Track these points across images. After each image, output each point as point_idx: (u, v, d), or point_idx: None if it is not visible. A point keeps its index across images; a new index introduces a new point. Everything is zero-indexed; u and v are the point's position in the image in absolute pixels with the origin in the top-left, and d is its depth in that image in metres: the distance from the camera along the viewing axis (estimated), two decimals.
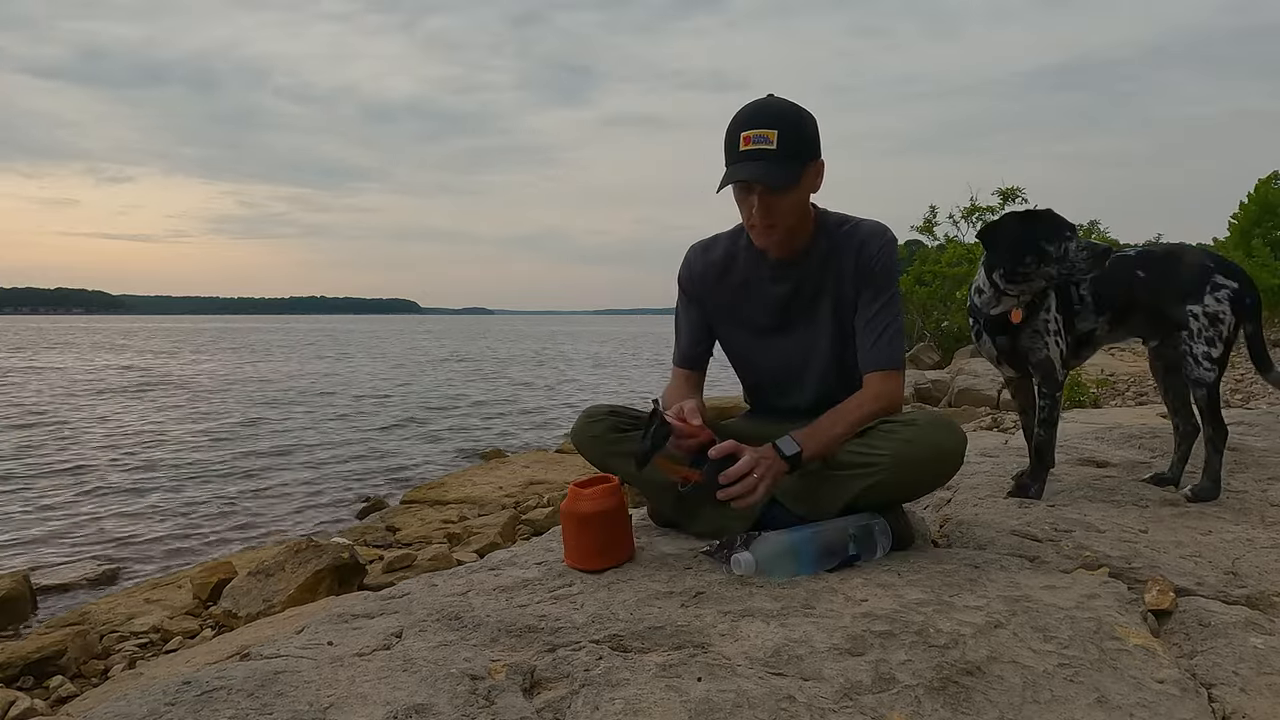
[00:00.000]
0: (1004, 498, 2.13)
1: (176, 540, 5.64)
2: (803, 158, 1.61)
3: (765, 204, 1.62)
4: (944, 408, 6.48)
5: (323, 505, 6.78)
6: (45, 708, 2.73)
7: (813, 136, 1.64)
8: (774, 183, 1.59)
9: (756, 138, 1.57)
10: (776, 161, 1.58)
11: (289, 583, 3.57)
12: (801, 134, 1.60)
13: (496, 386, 18.41)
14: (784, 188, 1.60)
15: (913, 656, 1.19)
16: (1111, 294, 2.15)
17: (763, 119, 1.59)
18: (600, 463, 1.83)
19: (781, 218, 1.65)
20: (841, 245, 1.74)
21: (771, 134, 1.57)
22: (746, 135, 1.58)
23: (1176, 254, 2.19)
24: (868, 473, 1.59)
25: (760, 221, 1.65)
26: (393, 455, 9.24)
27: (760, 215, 1.64)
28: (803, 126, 1.61)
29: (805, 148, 1.61)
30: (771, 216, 1.64)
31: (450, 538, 5.02)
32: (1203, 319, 2.07)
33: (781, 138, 1.57)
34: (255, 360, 27.92)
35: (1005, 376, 2.30)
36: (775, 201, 1.62)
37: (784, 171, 1.59)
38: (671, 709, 1.05)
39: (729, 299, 1.86)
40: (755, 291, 1.82)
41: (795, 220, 1.68)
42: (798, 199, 1.65)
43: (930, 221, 14.90)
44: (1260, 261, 9.43)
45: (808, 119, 1.63)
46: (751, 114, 1.61)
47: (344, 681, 1.14)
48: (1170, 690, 1.12)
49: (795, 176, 1.60)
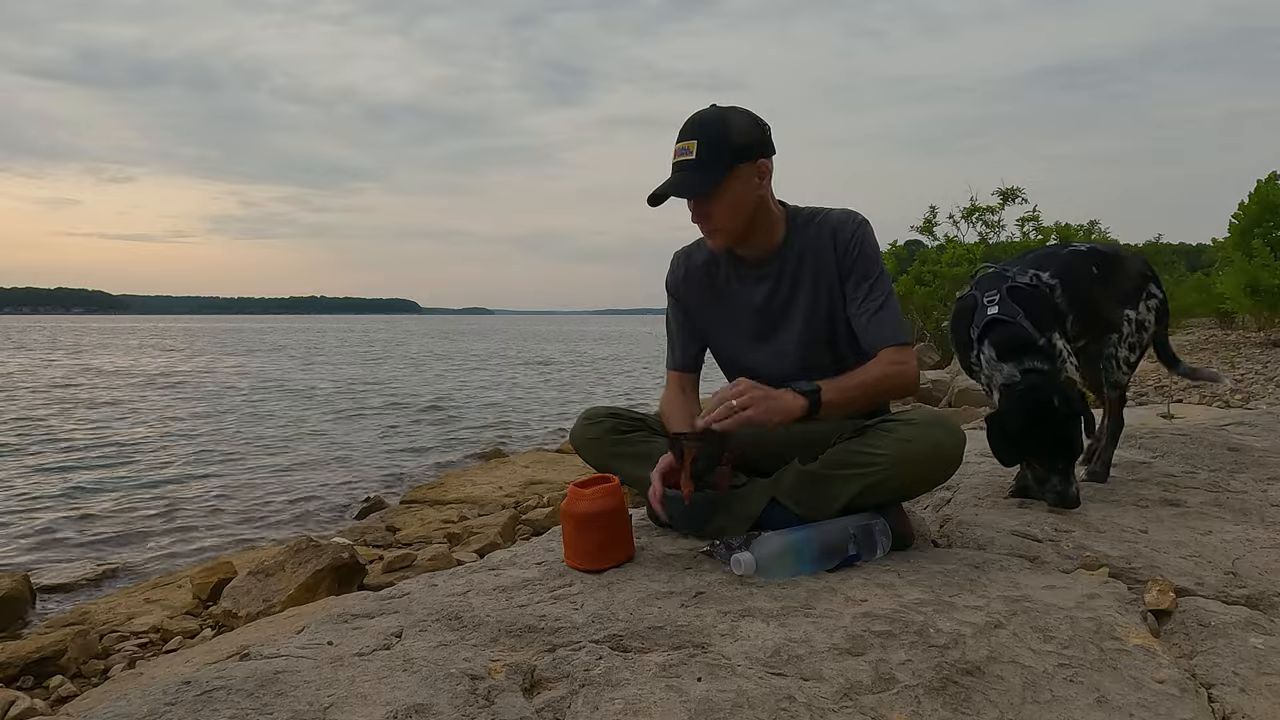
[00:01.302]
0: (1005, 498, 2.13)
1: (176, 540, 5.64)
2: (724, 163, 1.64)
3: (698, 211, 1.70)
4: (944, 407, 6.47)
5: (323, 505, 6.78)
6: (45, 708, 2.73)
7: (742, 140, 1.66)
8: (685, 193, 1.66)
9: (680, 150, 1.65)
10: (694, 170, 1.63)
11: (289, 583, 3.57)
12: (724, 141, 1.64)
13: (497, 386, 18.42)
14: (702, 194, 1.65)
15: (913, 656, 1.19)
16: (1080, 295, 2.12)
17: (687, 132, 1.65)
18: (601, 465, 1.84)
19: (719, 221, 1.71)
20: (815, 238, 1.77)
21: (691, 144, 1.64)
22: (675, 149, 1.66)
23: (1121, 258, 2.20)
24: (867, 472, 1.60)
25: (701, 226, 1.74)
26: (393, 455, 9.24)
27: (697, 220, 1.72)
28: (727, 134, 1.64)
29: (730, 153, 1.64)
30: (708, 221, 1.72)
31: (450, 538, 5.02)
32: (1133, 325, 2.11)
33: (700, 147, 1.63)
34: (256, 360, 27.92)
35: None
36: (706, 207, 1.68)
37: (698, 180, 1.64)
38: (671, 709, 1.05)
39: (713, 302, 1.89)
40: (737, 294, 1.86)
41: (736, 222, 1.72)
42: (731, 202, 1.68)
43: (930, 222, 14.90)
44: (1260, 261, 9.42)
45: (737, 124, 1.65)
46: (682, 127, 1.67)
47: (344, 681, 1.14)
48: (1170, 690, 1.12)
49: (711, 183, 1.64)
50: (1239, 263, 9.78)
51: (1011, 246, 14.08)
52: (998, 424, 1.91)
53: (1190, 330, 14.33)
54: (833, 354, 1.79)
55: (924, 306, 14.18)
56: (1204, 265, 20.24)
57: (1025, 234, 14.09)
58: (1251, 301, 9.76)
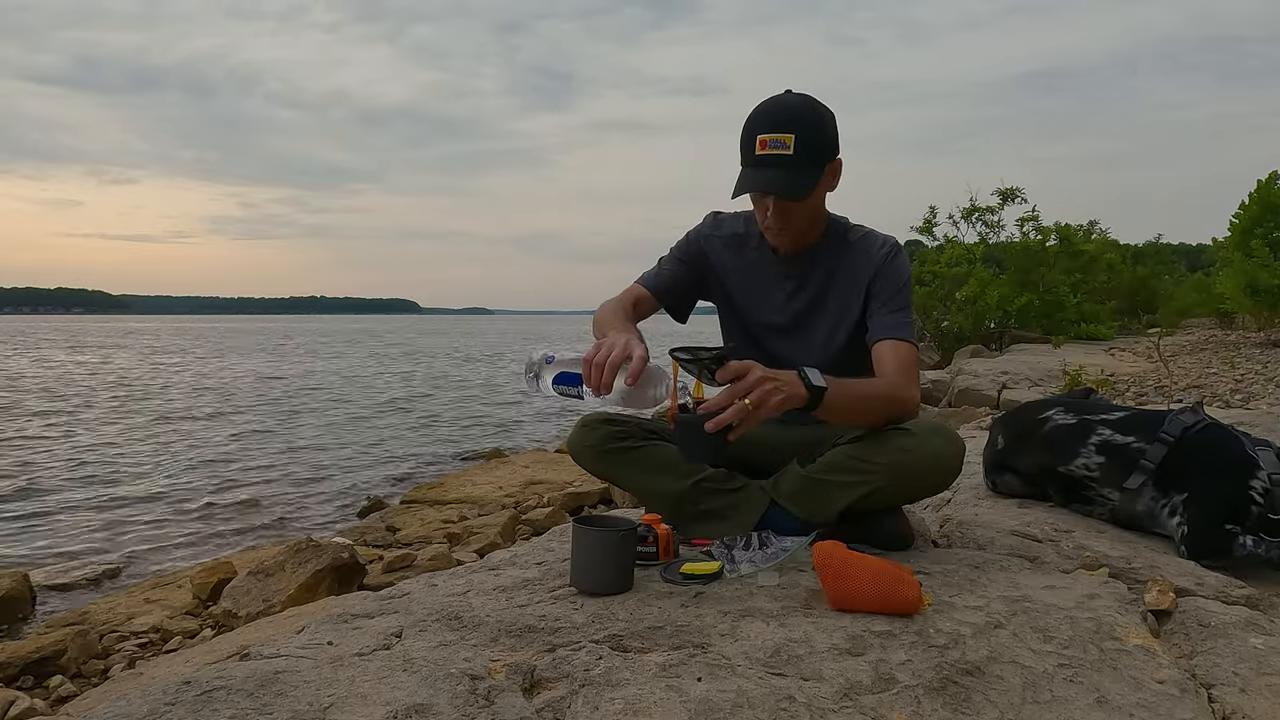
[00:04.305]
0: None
1: (176, 540, 5.65)
2: (821, 161, 1.56)
3: (780, 209, 1.59)
4: (944, 408, 6.47)
5: (323, 505, 6.78)
6: (45, 707, 2.73)
7: (832, 137, 1.58)
8: (791, 193, 1.54)
9: (773, 142, 1.50)
10: (794, 168, 1.52)
11: (289, 582, 3.57)
12: (820, 136, 1.54)
13: (498, 386, 18.41)
14: (801, 197, 1.55)
15: (913, 656, 1.19)
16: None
17: (779, 122, 1.51)
18: (599, 471, 1.81)
19: (797, 223, 1.63)
20: (854, 253, 1.71)
21: (788, 138, 1.50)
22: (763, 139, 1.51)
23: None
24: (866, 479, 1.58)
25: (775, 225, 1.62)
26: (393, 455, 9.24)
27: (775, 220, 1.61)
28: (822, 128, 1.55)
29: (824, 151, 1.56)
30: (787, 221, 1.61)
31: (450, 538, 5.02)
32: None
33: (799, 142, 1.50)
34: (259, 360, 27.92)
35: None
36: (791, 207, 1.58)
37: (800, 179, 1.53)
38: (671, 709, 1.05)
39: (737, 275, 1.79)
40: (760, 281, 1.78)
41: (812, 222, 1.67)
42: (815, 202, 1.62)
43: (930, 222, 14.89)
44: (1260, 261, 9.41)
45: (827, 118, 1.57)
46: (768, 115, 1.54)
47: (344, 681, 1.14)
48: (1170, 690, 1.12)
49: (812, 183, 1.55)
50: (1239, 263, 9.78)
51: (1011, 246, 14.06)
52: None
53: (1190, 330, 14.33)
54: (848, 363, 1.72)
55: (924, 306, 14.16)
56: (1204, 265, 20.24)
57: (1025, 234, 14.08)
58: (1251, 301, 9.75)
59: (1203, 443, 1.72)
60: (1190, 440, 1.73)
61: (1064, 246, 13.90)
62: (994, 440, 2.19)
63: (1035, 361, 8.03)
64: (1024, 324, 13.14)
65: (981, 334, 13.19)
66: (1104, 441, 1.84)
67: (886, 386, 1.58)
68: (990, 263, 14.37)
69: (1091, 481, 1.86)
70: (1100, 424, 1.86)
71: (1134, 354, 9.44)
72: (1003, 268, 14.16)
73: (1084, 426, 1.89)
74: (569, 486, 6.25)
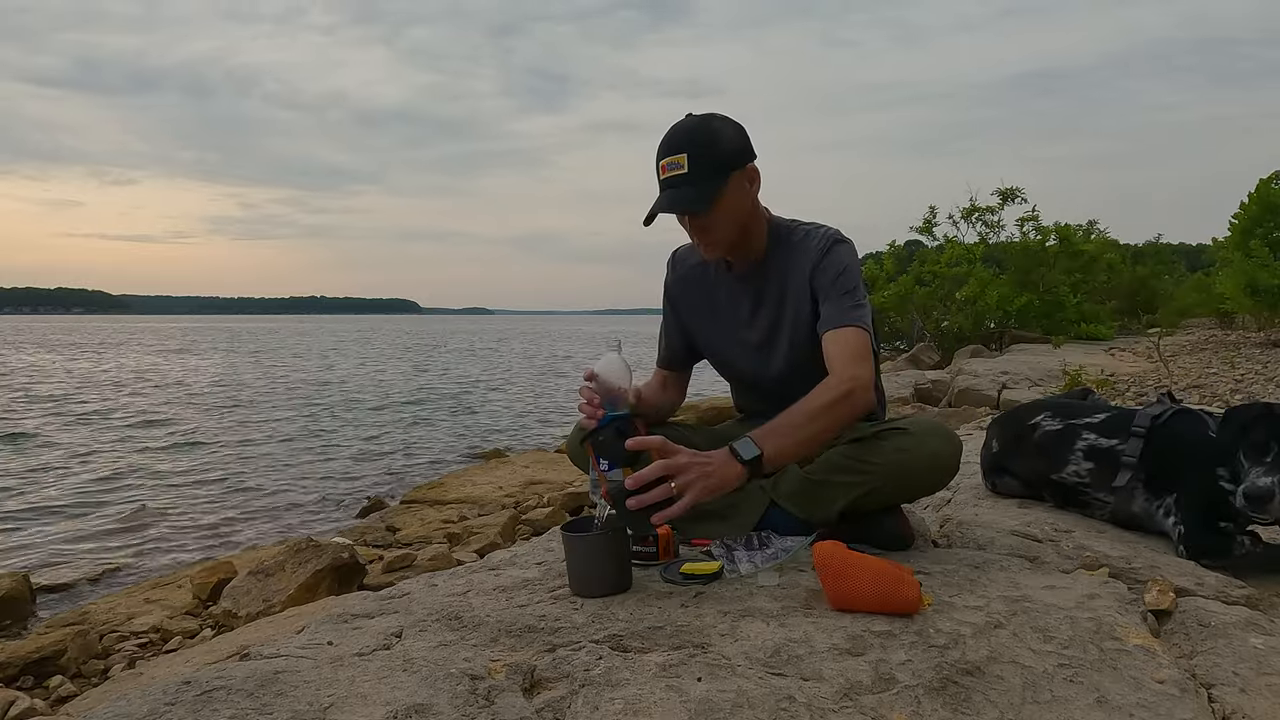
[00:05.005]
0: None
1: (176, 540, 5.64)
2: (720, 172, 1.59)
3: (696, 225, 1.64)
4: (944, 408, 6.47)
5: (323, 505, 6.78)
6: (45, 707, 2.72)
7: (731, 147, 1.61)
8: (691, 206, 1.59)
9: (670, 164, 1.58)
10: (690, 184, 1.57)
11: (289, 582, 3.57)
12: (714, 150, 1.59)
13: (499, 386, 18.41)
14: (701, 209, 1.60)
15: (912, 656, 1.19)
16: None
17: (672, 145, 1.59)
18: None
19: (718, 233, 1.66)
20: (796, 253, 1.73)
21: (681, 158, 1.57)
22: (663, 164, 1.60)
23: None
24: (864, 480, 1.59)
25: (700, 240, 1.68)
26: (393, 455, 9.23)
27: (696, 235, 1.67)
28: (715, 141, 1.59)
29: (723, 161, 1.60)
30: (707, 235, 1.66)
31: (450, 538, 5.01)
32: None
33: (691, 160, 1.57)
34: (256, 359, 27.92)
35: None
36: (704, 221, 1.63)
37: (698, 193, 1.58)
38: (671, 709, 1.05)
39: (703, 306, 1.86)
40: (726, 301, 1.83)
41: (734, 231, 1.68)
42: (728, 211, 1.63)
43: (930, 222, 14.89)
44: (1260, 261, 9.41)
45: (722, 130, 1.61)
46: (665, 141, 1.61)
47: (344, 681, 1.14)
48: (1170, 690, 1.12)
49: (711, 195, 1.58)
50: (1239, 263, 9.77)
51: (1011, 247, 14.06)
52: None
53: (1190, 330, 14.32)
54: (815, 373, 1.69)
55: (924, 306, 14.17)
56: (1204, 265, 20.24)
57: (1025, 234, 14.08)
58: (1251, 301, 9.75)
59: (1169, 434, 1.74)
60: (1159, 432, 1.75)
61: (1064, 246, 13.91)
62: (989, 443, 2.20)
63: (1035, 361, 8.03)
64: (1024, 324, 13.15)
65: (981, 334, 13.20)
66: (1090, 447, 1.85)
67: (823, 393, 1.53)
68: (990, 263, 14.37)
69: (1085, 487, 1.87)
70: (1084, 428, 1.88)
71: (1134, 354, 9.44)
72: (1003, 268, 14.16)
73: (1070, 432, 1.90)
74: (569, 486, 6.25)
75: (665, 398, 1.93)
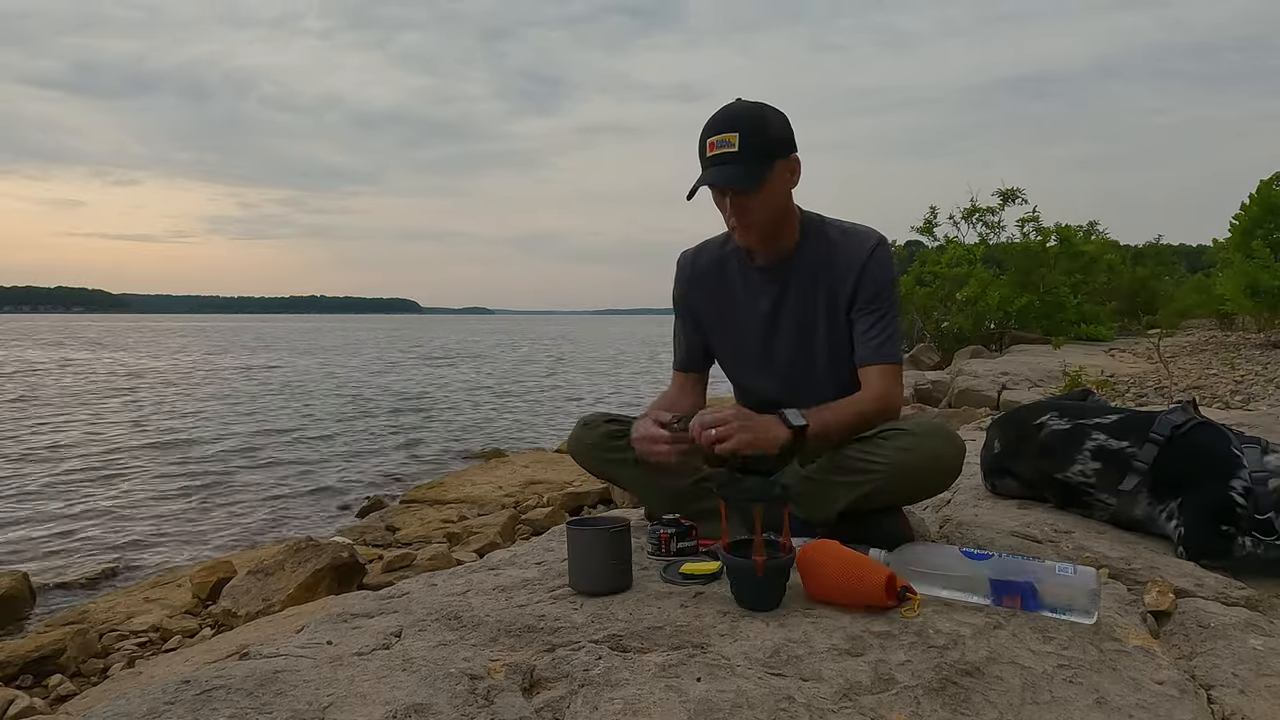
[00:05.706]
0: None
1: (176, 539, 5.65)
2: (768, 157, 1.61)
3: (738, 205, 1.65)
4: (944, 408, 6.47)
5: (323, 505, 6.78)
6: (44, 706, 2.73)
7: (779, 135, 1.63)
8: (737, 185, 1.60)
9: (720, 143, 1.59)
10: (739, 163, 1.59)
11: (288, 582, 3.57)
12: (764, 134, 1.60)
13: (499, 385, 18.41)
14: (750, 188, 1.61)
15: (912, 657, 1.19)
16: None
17: (724, 124, 1.60)
18: (598, 471, 1.83)
19: (757, 216, 1.66)
20: (834, 249, 1.73)
21: (733, 137, 1.58)
22: (711, 141, 1.61)
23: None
24: (866, 479, 1.59)
25: (737, 222, 1.68)
26: (393, 454, 9.24)
27: (735, 216, 1.67)
28: (765, 126, 1.61)
29: (770, 147, 1.61)
30: (747, 216, 1.66)
31: (450, 537, 5.02)
32: None
33: (743, 140, 1.58)
34: (256, 360, 27.91)
35: None
36: (747, 201, 1.64)
37: (747, 172, 1.59)
38: (671, 709, 1.05)
39: (719, 305, 1.85)
40: (745, 297, 1.81)
41: (772, 218, 1.68)
42: (770, 196, 1.65)
43: (930, 222, 14.88)
44: (1261, 263, 9.40)
45: (772, 118, 1.63)
46: (715, 120, 1.62)
47: (343, 681, 1.14)
48: (1169, 691, 1.12)
49: (760, 176, 1.60)
50: (1239, 264, 9.77)
51: (1011, 247, 14.05)
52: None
53: (1190, 331, 14.32)
54: (829, 372, 1.75)
55: (924, 307, 14.16)
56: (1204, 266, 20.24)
57: (1025, 235, 14.07)
58: (1251, 303, 9.74)
59: (1190, 445, 1.73)
60: (1179, 441, 1.73)
61: (1064, 247, 13.89)
62: (990, 444, 2.19)
63: (1035, 362, 8.03)
64: (1024, 325, 13.13)
65: (981, 335, 13.18)
66: (1099, 447, 1.84)
67: (866, 401, 1.67)
68: (991, 263, 14.36)
69: (1089, 488, 1.86)
70: (1095, 428, 1.87)
71: (1134, 355, 9.43)
72: (1003, 268, 14.15)
73: (1079, 432, 1.89)
74: (569, 486, 6.25)
75: (689, 403, 1.91)
